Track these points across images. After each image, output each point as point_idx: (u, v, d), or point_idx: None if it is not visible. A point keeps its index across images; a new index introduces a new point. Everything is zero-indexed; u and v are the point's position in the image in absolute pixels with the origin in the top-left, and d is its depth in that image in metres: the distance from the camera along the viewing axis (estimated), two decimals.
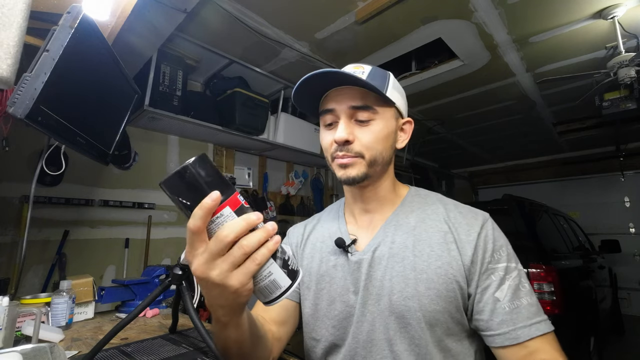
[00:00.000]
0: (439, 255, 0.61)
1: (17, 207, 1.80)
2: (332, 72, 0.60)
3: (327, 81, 0.64)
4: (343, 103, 0.64)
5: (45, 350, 0.63)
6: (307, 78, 0.62)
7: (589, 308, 2.45)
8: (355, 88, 0.63)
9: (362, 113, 0.63)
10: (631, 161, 4.69)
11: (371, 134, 0.63)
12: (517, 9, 1.89)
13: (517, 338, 0.55)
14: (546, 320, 0.58)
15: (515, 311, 0.57)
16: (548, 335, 0.57)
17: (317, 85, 0.65)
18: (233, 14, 1.89)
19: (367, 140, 0.63)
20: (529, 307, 0.57)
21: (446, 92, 3.01)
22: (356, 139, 0.63)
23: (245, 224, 0.37)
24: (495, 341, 0.57)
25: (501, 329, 0.57)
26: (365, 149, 0.63)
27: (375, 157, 0.64)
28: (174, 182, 0.38)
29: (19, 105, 0.76)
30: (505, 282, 0.59)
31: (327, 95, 0.67)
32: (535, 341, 0.55)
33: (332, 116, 0.66)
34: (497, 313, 0.57)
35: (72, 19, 0.87)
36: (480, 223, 0.63)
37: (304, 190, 3.68)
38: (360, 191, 0.70)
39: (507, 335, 0.56)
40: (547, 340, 0.56)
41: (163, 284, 0.87)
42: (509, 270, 0.60)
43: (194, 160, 0.38)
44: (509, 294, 0.58)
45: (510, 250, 0.63)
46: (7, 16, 0.67)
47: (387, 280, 0.62)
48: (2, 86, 0.69)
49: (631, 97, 2.16)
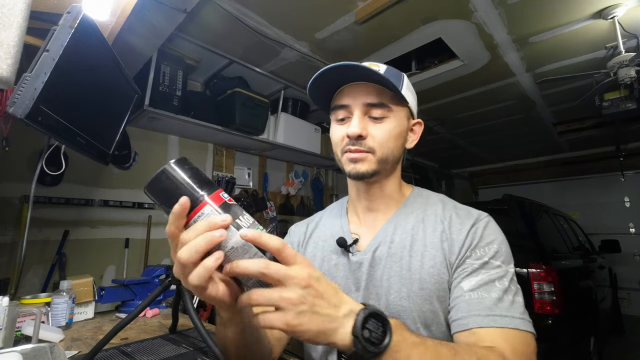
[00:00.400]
0: (433, 255, 0.61)
1: (17, 207, 1.80)
2: (352, 65, 0.60)
3: (343, 75, 0.64)
4: (358, 99, 0.64)
5: (45, 350, 0.63)
6: (325, 70, 0.61)
7: (589, 308, 2.45)
8: (370, 85, 0.63)
9: (376, 110, 0.63)
10: (631, 161, 4.69)
11: (384, 132, 0.63)
12: (517, 9, 1.89)
13: (465, 325, 0.53)
14: (517, 319, 0.53)
15: (475, 301, 0.54)
16: (510, 331, 0.51)
17: (332, 80, 0.65)
18: (233, 14, 1.89)
19: (380, 137, 0.63)
20: (498, 302, 0.54)
21: (446, 92, 3.00)
22: (369, 135, 0.63)
23: (206, 225, 0.36)
24: (452, 328, 0.55)
25: (456, 315, 0.55)
26: (377, 145, 0.63)
27: (386, 154, 0.64)
28: (153, 189, 0.38)
29: (19, 105, 0.76)
30: (478, 275, 0.57)
31: (341, 90, 0.67)
32: (489, 331, 0.51)
33: (345, 111, 0.66)
34: (456, 301, 0.56)
35: (72, 19, 0.87)
36: (471, 222, 0.63)
37: (304, 190, 3.68)
38: (367, 187, 0.70)
39: (458, 322, 0.54)
40: (505, 335, 0.51)
41: (163, 284, 0.87)
42: (489, 266, 0.58)
43: (167, 166, 0.38)
44: (475, 285, 0.56)
45: (502, 249, 0.61)
46: (7, 16, 0.67)
47: (385, 280, 0.63)
48: (2, 86, 0.69)
49: (631, 97, 2.16)
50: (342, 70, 0.61)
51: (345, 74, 0.63)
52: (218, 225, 0.36)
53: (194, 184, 0.38)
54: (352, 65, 0.60)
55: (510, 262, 0.61)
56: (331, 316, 0.39)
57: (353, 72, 0.62)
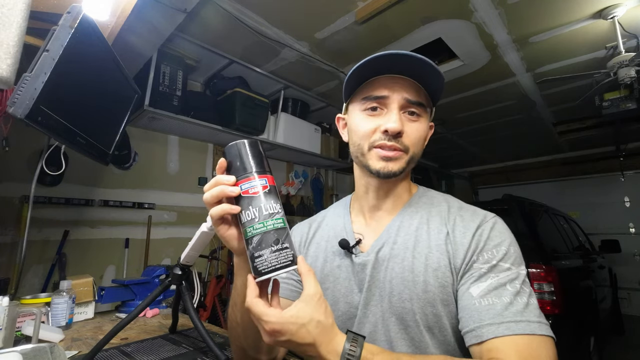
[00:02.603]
0: (438, 258, 0.59)
1: (17, 207, 1.80)
2: (414, 56, 0.57)
3: (384, 67, 0.61)
4: (398, 93, 0.61)
5: (45, 350, 0.63)
6: (379, 57, 0.58)
7: (589, 308, 2.45)
8: (408, 80, 0.61)
9: (415, 108, 0.61)
10: (631, 161, 4.69)
11: (418, 131, 0.62)
12: (517, 9, 1.89)
13: (479, 336, 0.50)
14: (534, 323, 0.49)
15: (486, 308, 0.51)
16: (527, 337, 0.48)
17: (371, 69, 0.62)
18: (233, 14, 1.89)
19: (414, 137, 0.62)
20: (510, 306, 0.51)
21: (446, 92, 3.00)
22: (405, 132, 0.61)
23: (214, 182, 0.48)
24: (466, 340, 0.53)
25: (468, 326, 0.52)
26: (411, 144, 0.62)
27: (416, 155, 0.63)
28: (228, 151, 0.50)
29: (19, 105, 0.76)
30: (487, 279, 0.54)
31: (375, 80, 0.63)
32: (504, 340, 0.48)
33: (379, 103, 0.62)
34: (467, 309, 0.54)
35: (72, 19, 0.87)
36: (476, 224, 0.61)
37: (304, 190, 3.68)
38: (380, 185, 0.68)
39: (472, 334, 0.51)
40: (522, 342, 0.48)
41: (163, 284, 0.87)
42: (498, 269, 0.55)
43: (244, 140, 0.50)
44: (485, 291, 0.53)
45: (511, 251, 0.58)
46: (7, 16, 0.67)
47: (387, 282, 0.62)
48: (2, 86, 0.69)
49: (631, 97, 2.16)
50: (392, 59, 0.59)
51: (388, 65, 0.60)
52: (226, 189, 0.47)
53: (252, 161, 0.48)
54: (415, 57, 0.57)
55: (521, 263, 0.58)
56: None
57: (401, 63, 0.59)
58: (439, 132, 4.06)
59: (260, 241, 0.45)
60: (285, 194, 3.41)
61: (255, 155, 0.49)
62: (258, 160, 0.49)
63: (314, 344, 0.45)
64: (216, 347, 0.74)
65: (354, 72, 0.62)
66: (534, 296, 0.54)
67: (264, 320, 0.44)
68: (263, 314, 0.44)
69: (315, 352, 0.45)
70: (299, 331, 0.44)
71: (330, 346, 0.45)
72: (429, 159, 5.44)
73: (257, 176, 0.47)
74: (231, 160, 0.49)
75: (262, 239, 0.45)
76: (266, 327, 0.44)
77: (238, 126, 2.43)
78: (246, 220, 0.46)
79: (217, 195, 0.47)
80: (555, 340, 0.51)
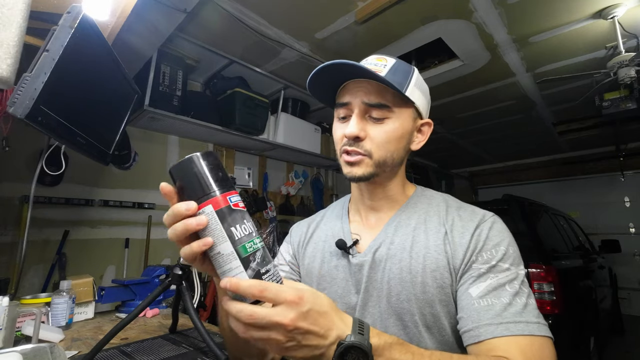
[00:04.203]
0: (436, 259, 0.59)
1: (17, 207, 1.80)
2: (348, 64, 0.57)
3: (344, 72, 0.61)
4: (359, 97, 0.61)
5: (45, 350, 0.63)
6: (323, 68, 0.59)
7: (589, 308, 2.45)
8: (373, 82, 0.60)
9: (376, 111, 0.60)
10: (631, 161, 4.69)
11: (384, 133, 0.61)
12: (517, 9, 1.89)
13: (477, 336, 0.50)
14: (533, 324, 0.50)
15: (485, 309, 0.52)
16: (526, 338, 0.49)
17: (333, 77, 0.63)
18: (233, 14, 1.89)
19: (379, 139, 0.61)
20: (508, 306, 0.51)
21: (446, 92, 3.00)
22: (367, 136, 0.61)
23: (172, 216, 0.41)
24: (464, 340, 0.53)
25: (467, 325, 0.53)
26: (375, 147, 0.61)
27: (384, 157, 0.62)
28: (176, 172, 0.42)
29: (19, 105, 0.76)
30: (486, 280, 0.55)
31: (344, 86, 0.64)
32: (502, 341, 0.49)
33: (346, 109, 0.63)
34: (466, 310, 0.54)
35: (72, 19, 0.87)
36: (475, 224, 0.60)
37: (304, 190, 3.68)
38: (368, 188, 0.68)
39: (470, 333, 0.52)
40: (520, 343, 0.48)
41: (163, 284, 0.87)
42: (497, 269, 0.55)
43: (193, 156, 0.41)
44: (484, 292, 0.53)
45: (510, 251, 0.58)
46: (7, 16, 0.67)
47: (385, 282, 0.62)
48: (2, 86, 0.69)
49: (631, 97, 2.16)
50: (342, 67, 0.59)
51: (347, 70, 0.60)
52: (189, 223, 0.40)
53: (208, 180, 0.41)
54: (350, 64, 0.57)
55: (520, 263, 0.58)
56: (318, 346, 0.40)
57: (353, 69, 0.59)
58: (439, 132, 4.06)
59: (263, 255, 0.41)
60: (285, 194, 3.41)
61: (215, 168, 0.42)
62: (221, 173, 0.43)
63: (325, 334, 0.41)
64: (216, 347, 0.74)
65: (313, 86, 0.64)
66: (533, 296, 0.55)
67: (276, 322, 0.38)
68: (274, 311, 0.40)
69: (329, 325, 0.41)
70: (310, 313, 0.40)
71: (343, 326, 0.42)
72: (428, 159, 5.44)
73: (232, 190, 0.42)
74: (186, 182, 0.41)
75: (265, 252, 0.41)
76: (288, 326, 0.38)
77: (238, 126, 2.43)
78: (243, 234, 0.40)
79: (182, 233, 0.40)
80: (554, 341, 0.51)
